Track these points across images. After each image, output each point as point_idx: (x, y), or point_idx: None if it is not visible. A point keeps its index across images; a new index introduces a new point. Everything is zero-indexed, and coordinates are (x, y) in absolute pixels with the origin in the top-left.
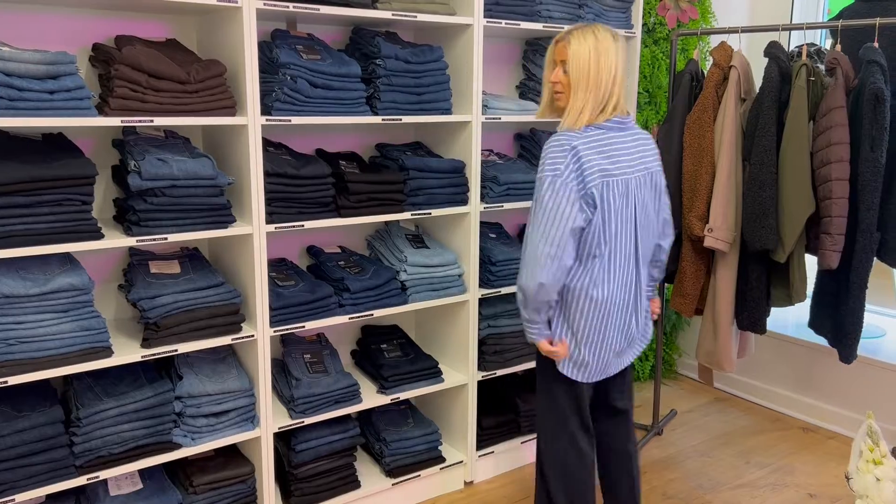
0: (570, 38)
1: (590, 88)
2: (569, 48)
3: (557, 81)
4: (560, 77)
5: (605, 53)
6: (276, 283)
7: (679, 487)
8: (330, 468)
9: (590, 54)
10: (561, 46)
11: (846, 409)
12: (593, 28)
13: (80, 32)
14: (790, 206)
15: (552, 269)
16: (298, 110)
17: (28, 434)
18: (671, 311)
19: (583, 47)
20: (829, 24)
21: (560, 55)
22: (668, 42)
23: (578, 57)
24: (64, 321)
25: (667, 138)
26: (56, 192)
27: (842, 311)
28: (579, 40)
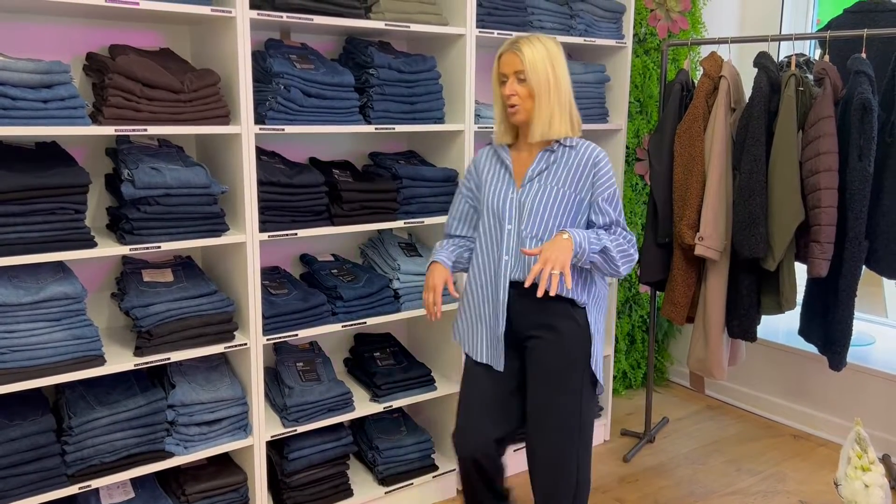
0: (521, 46)
1: (552, 94)
2: (522, 57)
3: (513, 94)
4: (516, 89)
5: (558, 60)
6: (269, 291)
7: (671, 495)
8: (323, 476)
9: (545, 60)
10: (510, 58)
11: (836, 416)
12: (537, 36)
13: (75, 42)
14: (780, 215)
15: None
16: (292, 119)
17: (20, 443)
18: (663, 319)
19: (537, 54)
20: (818, 34)
21: (511, 66)
22: (658, 52)
23: (535, 63)
24: (56, 330)
25: (657, 147)
26: (49, 200)
27: (831, 319)
28: (531, 48)
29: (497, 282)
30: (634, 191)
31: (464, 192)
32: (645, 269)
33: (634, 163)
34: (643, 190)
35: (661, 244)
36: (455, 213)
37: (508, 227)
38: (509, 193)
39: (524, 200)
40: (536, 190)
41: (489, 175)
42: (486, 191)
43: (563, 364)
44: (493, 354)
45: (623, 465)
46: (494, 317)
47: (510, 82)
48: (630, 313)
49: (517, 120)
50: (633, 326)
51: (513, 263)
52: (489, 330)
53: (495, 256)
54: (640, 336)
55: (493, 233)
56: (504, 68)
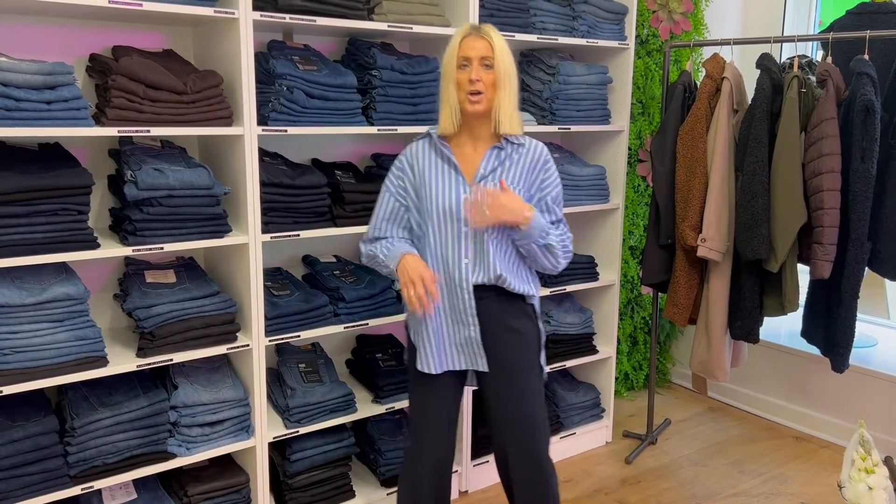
0: (488, 31)
1: (513, 87)
2: (492, 42)
3: (479, 80)
4: (482, 75)
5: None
6: (272, 292)
7: (673, 497)
8: (325, 478)
9: (508, 51)
10: (477, 42)
11: (839, 418)
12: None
13: (78, 43)
14: (782, 216)
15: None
16: (294, 121)
17: (22, 444)
18: (665, 321)
19: (503, 42)
20: (821, 36)
21: (478, 51)
22: (661, 53)
23: (503, 51)
24: (59, 331)
25: (660, 149)
26: (52, 201)
27: (834, 321)
28: (497, 35)
29: (461, 286)
30: (637, 192)
31: (392, 189)
32: (647, 271)
33: (636, 164)
34: (645, 191)
35: (663, 246)
36: (382, 213)
37: (465, 229)
38: (461, 192)
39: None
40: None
41: (431, 172)
42: (432, 190)
43: (525, 363)
44: (469, 359)
45: (625, 466)
46: (464, 322)
47: (475, 67)
48: (632, 315)
49: (476, 109)
50: (635, 328)
51: (473, 266)
52: (458, 336)
53: (453, 260)
54: (642, 337)
55: (447, 235)
56: (469, 52)
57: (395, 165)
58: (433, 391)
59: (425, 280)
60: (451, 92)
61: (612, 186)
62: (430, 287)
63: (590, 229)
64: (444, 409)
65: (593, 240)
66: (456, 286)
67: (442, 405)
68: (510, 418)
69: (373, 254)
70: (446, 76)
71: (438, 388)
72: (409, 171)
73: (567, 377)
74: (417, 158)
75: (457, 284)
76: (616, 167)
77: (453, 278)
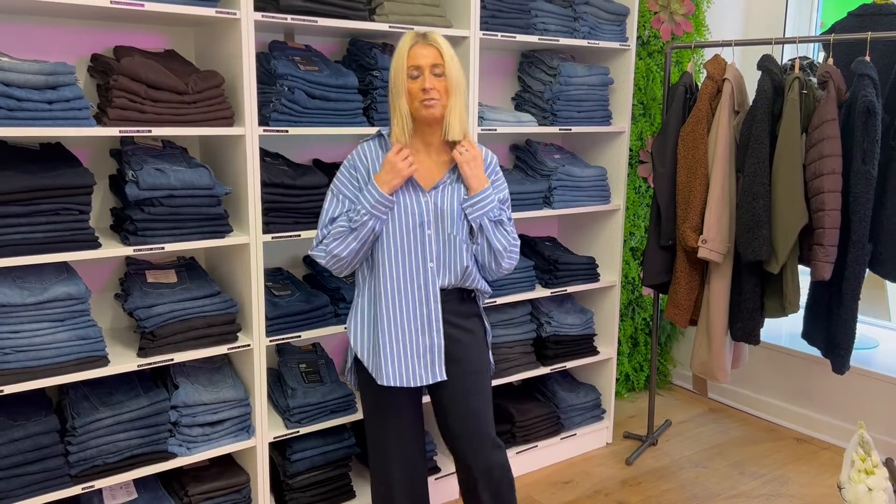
0: (436, 39)
1: (463, 91)
2: (441, 49)
3: (433, 87)
4: (434, 83)
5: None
6: (272, 292)
7: (674, 498)
8: (325, 478)
9: (455, 56)
10: (426, 50)
11: (840, 419)
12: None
13: (80, 43)
14: (783, 218)
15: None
16: (296, 121)
17: (23, 443)
18: (665, 322)
19: (451, 49)
20: (822, 37)
21: (428, 59)
22: (662, 55)
23: (452, 57)
24: (60, 330)
25: (661, 150)
26: (54, 201)
27: (834, 322)
28: (444, 41)
29: (426, 291)
30: (637, 193)
31: (345, 191)
32: (648, 272)
33: (637, 165)
34: (646, 192)
35: (664, 247)
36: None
37: (429, 232)
38: (420, 197)
39: (442, 204)
40: (451, 193)
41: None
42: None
43: (479, 362)
44: (430, 370)
45: (626, 467)
46: (427, 329)
47: (426, 76)
48: (633, 316)
49: (432, 114)
50: (636, 329)
51: (437, 269)
52: (421, 344)
53: (417, 266)
54: (643, 339)
55: (409, 240)
56: (419, 60)
57: (346, 166)
58: (395, 405)
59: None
60: (402, 103)
61: (613, 187)
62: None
63: (591, 230)
64: (410, 425)
65: (594, 241)
66: (421, 291)
67: (407, 420)
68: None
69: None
70: (396, 87)
71: (400, 400)
72: (362, 171)
73: (568, 378)
74: (371, 160)
75: (422, 289)
76: (617, 168)
77: (418, 284)
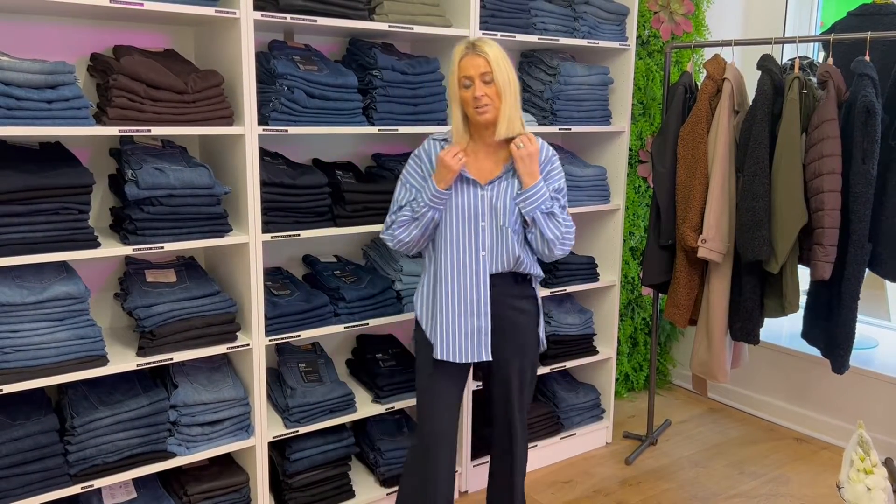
0: (483, 47)
1: (513, 92)
2: (488, 58)
3: (484, 94)
4: (485, 90)
5: (508, 59)
6: (272, 292)
7: (673, 498)
8: (324, 477)
9: (504, 59)
10: (475, 60)
11: (839, 419)
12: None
13: (79, 42)
14: (783, 218)
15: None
16: (295, 120)
17: (22, 443)
18: (665, 322)
19: (498, 53)
20: (822, 37)
21: (477, 69)
22: (662, 54)
23: (499, 62)
24: (59, 330)
25: (661, 150)
26: (53, 200)
27: (834, 322)
28: (491, 48)
29: (477, 278)
30: (637, 193)
31: (411, 181)
32: (647, 272)
33: (637, 165)
34: (646, 192)
35: (663, 246)
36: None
37: (483, 224)
38: (478, 191)
39: (496, 198)
40: (506, 188)
41: None
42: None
43: (528, 340)
44: (477, 349)
45: (625, 467)
46: (476, 313)
47: (477, 85)
48: (632, 316)
49: (486, 119)
50: (636, 329)
51: (489, 258)
52: (471, 326)
53: (471, 253)
54: (643, 339)
55: (465, 230)
56: (469, 71)
57: (413, 157)
58: (443, 375)
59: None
60: (457, 109)
61: (613, 187)
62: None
63: (590, 230)
64: (453, 393)
65: (594, 240)
66: (474, 278)
67: (451, 388)
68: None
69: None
70: (452, 97)
71: (449, 372)
72: (427, 163)
73: (567, 378)
74: (433, 157)
75: (475, 276)
76: (617, 168)
77: (471, 271)
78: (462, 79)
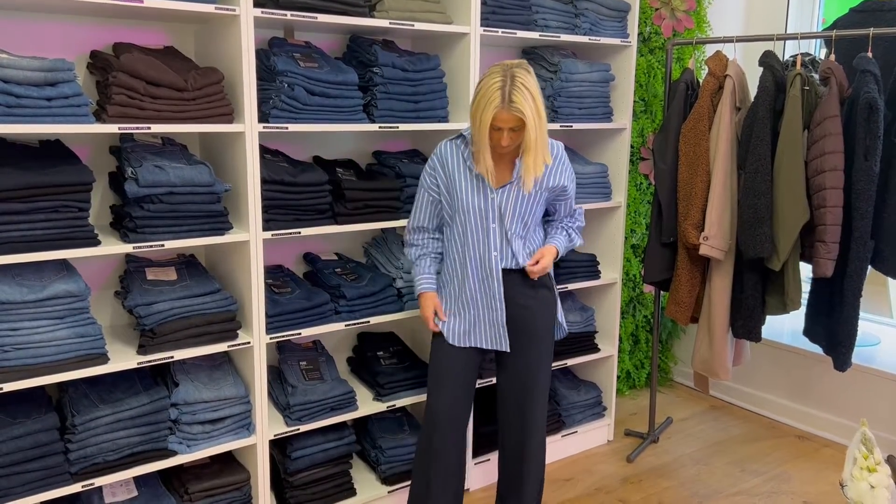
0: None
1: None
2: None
3: (509, 144)
4: (512, 136)
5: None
6: (273, 290)
7: (675, 495)
8: (325, 475)
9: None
10: (508, 116)
11: (841, 417)
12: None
13: (79, 40)
14: (785, 215)
15: None
16: (296, 118)
17: (23, 441)
18: (667, 319)
19: (529, 101)
20: (824, 34)
21: (508, 123)
22: (663, 51)
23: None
24: (60, 328)
25: (662, 147)
26: (53, 198)
27: (836, 319)
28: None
29: (491, 274)
30: (639, 190)
31: (428, 183)
32: (649, 269)
33: (638, 162)
34: (647, 189)
35: (665, 244)
36: (419, 209)
37: (493, 226)
38: (488, 195)
39: (504, 204)
40: (515, 195)
41: (459, 176)
42: (461, 192)
43: (544, 328)
44: (496, 339)
45: (627, 465)
46: (492, 307)
47: (505, 135)
48: (634, 313)
49: (504, 152)
50: (637, 326)
51: (500, 257)
52: (488, 318)
53: (484, 252)
54: (644, 336)
55: (476, 231)
56: (500, 124)
57: (429, 164)
58: (455, 357)
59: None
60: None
61: (614, 184)
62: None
63: (592, 227)
64: (463, 373)
65: (595, 238)
66: (487, 274)
67: (461, 369)
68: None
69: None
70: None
71: (461, 354)
72: (440, 170)
73: (569, 375)
74: (447, 160)
75: (489, 273)
76: (618, 165)
77: (486, 268)
78: (493, 126)
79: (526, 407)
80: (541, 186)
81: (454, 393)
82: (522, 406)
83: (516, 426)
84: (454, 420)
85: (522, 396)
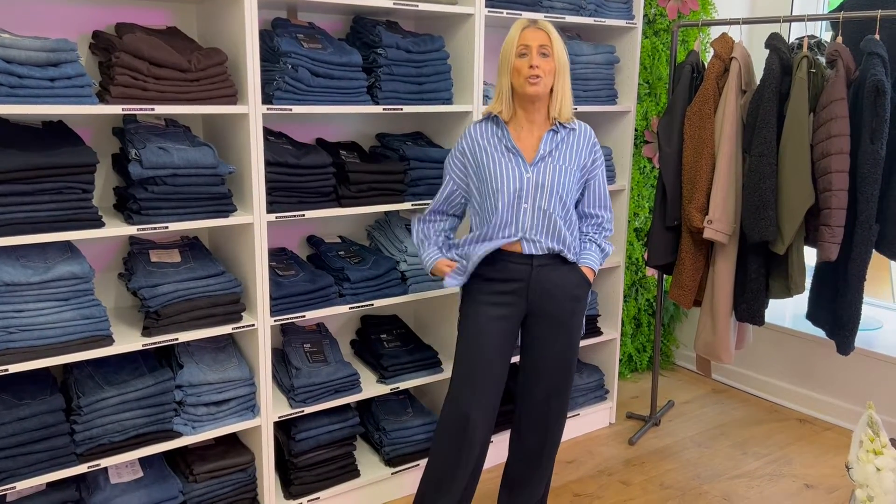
0: (546, 25)
1: (566, 75)
2: (549, 33)
3: (538, 66)
4: (540, 62)
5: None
6: (277, 272)
7: (676, 477)
8: (329, 457)
9: (562, 41)
10: (536, 33)
11: (843, 400)
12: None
13: (81, 20)
14: (790, 198)
15: None
16: (299, 99)
17: (29, 422)
18: (669, 303)
19: (559, 35)
20: (831, 16)
21: (537, 40)
22: (668, 33)
23: (558, 41)
24: (64, 309)
25: (667, 130)
26: (56, 180)
27: (840, 303)
28: (552, 27)
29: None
30: (642, 174)
31: (452, 174)
32: (653, 253)
33: (643, 145)
34: (651, 173)
35: (669, 227)
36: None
37: (525, 206)
38: (523, 173)
39: (540, 181)
40: (550, 171)
41: (491, 154)
42: (494, 172)
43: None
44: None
45: (628, 447)
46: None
47: (534, 55)
48: (636, 297)
49: (534, 91)
50: (640, 310)
51: (526, 241)
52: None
53: (511, 232)
54: (647, 319)
55: (509, 211)
56: (528, 41)
57: (457, 149)
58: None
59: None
60: (506, 79)
61: (618, 168)
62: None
63: None
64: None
65: None
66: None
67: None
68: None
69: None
70: (504, 65)
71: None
72: (469, 155)
73: None
74: (478, 142)
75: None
76: (622, 148)
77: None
78: (520, 47)
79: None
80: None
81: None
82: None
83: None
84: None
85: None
